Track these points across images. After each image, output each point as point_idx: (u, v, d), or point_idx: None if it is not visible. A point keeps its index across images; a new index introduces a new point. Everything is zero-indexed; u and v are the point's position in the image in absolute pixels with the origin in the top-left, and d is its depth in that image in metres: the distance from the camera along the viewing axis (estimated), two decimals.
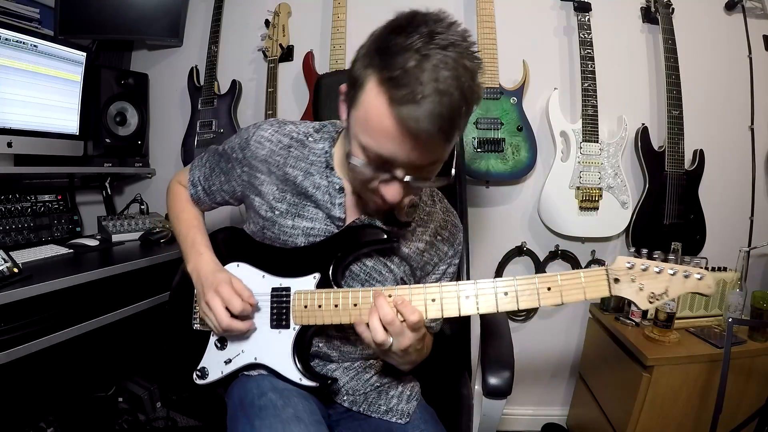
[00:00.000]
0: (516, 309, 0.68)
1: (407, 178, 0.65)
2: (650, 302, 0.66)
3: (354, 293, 0.74)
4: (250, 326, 0.81)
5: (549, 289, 0.67)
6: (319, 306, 0.76)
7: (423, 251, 0.86)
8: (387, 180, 0.67)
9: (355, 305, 0.73)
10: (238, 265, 0.86)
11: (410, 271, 0.86)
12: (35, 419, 1.44)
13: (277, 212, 0.82)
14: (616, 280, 0.66)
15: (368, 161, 0.65)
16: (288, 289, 0.81)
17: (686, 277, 0.65)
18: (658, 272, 0.65)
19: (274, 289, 0.82)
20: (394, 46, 0.58)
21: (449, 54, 0.57)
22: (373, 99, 0.60)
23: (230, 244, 0.90)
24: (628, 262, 0.65)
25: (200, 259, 0.85)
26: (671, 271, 0.65)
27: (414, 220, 0.85)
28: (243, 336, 0.83)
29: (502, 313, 1.09)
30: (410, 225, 0.84)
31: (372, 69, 0.60)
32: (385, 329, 0.67)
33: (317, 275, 0.79)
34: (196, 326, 0.90)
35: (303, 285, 0.80)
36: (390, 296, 0.70)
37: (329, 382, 0.80)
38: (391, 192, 0.67)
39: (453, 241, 0.90)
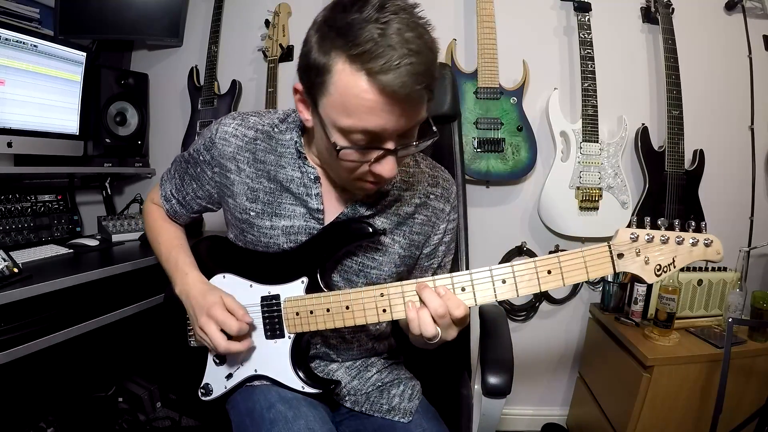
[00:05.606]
0: (516, 296, 0.64)
1: (399, 148, 0.64)
2: (657, 275, 0.61)
3: (344, 295, 0.71)
4: (249, 345, 0.77)
5: (549, 272, 0.63)
6: (311, 312, 0.74)
7: (413, 214, 0.81)
8: (380, 157, 0.64)
9: (347, 308, 0.71)
10: (224, 277, 0.83)
11: (406, 244, 0.81)
12: (35, 419, 1.44)
13: (252, 213, 0.79)
14: (620, 256, 0.61)
15: (356, 143, 0.63)
16: (277, 297, 0.77)
17: (693, 244, 0.60)
18: (664, 242, 0.61)
19: (263, 299, 0.78)
20: (353, 22, 0.56)
21: (403, 17, 0.57)
22: (347, 78, 0.58)
23: (214, 255, 0.87)
24: (632, 234, 0.61)
25: (186, 279, 0.81)
26: (678, 239, 0.60)
27: (393, 185, 0.80)
28: None
29: (501, 312, 1.11)
30: (391, 194, 0.80)
31: (336, 51, 0.58)
32: (435, 322, 0.64)
33: (305, 279, 0.76)
34: (193, 343, 0.88)
35: (292, 291, 0.77)
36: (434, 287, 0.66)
37: (332, 386, 0.78)
38: (387, 167, 0.65)
39: (448, 196, 0.85)
